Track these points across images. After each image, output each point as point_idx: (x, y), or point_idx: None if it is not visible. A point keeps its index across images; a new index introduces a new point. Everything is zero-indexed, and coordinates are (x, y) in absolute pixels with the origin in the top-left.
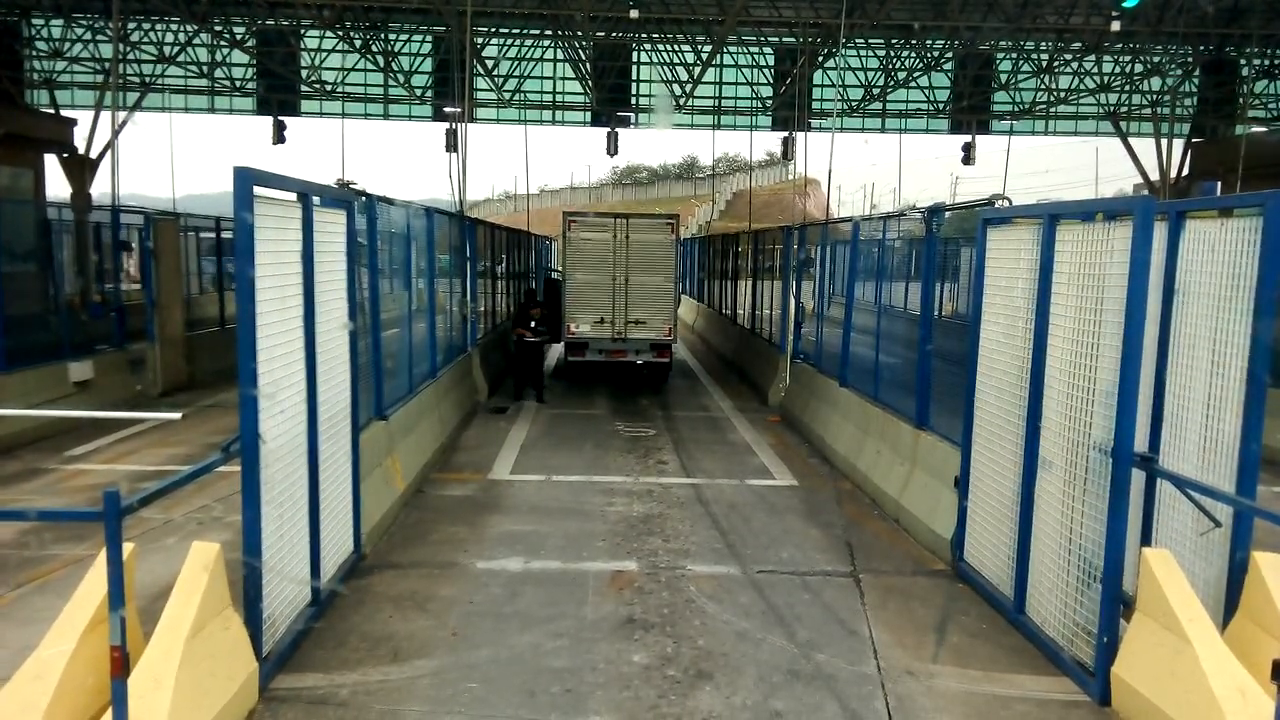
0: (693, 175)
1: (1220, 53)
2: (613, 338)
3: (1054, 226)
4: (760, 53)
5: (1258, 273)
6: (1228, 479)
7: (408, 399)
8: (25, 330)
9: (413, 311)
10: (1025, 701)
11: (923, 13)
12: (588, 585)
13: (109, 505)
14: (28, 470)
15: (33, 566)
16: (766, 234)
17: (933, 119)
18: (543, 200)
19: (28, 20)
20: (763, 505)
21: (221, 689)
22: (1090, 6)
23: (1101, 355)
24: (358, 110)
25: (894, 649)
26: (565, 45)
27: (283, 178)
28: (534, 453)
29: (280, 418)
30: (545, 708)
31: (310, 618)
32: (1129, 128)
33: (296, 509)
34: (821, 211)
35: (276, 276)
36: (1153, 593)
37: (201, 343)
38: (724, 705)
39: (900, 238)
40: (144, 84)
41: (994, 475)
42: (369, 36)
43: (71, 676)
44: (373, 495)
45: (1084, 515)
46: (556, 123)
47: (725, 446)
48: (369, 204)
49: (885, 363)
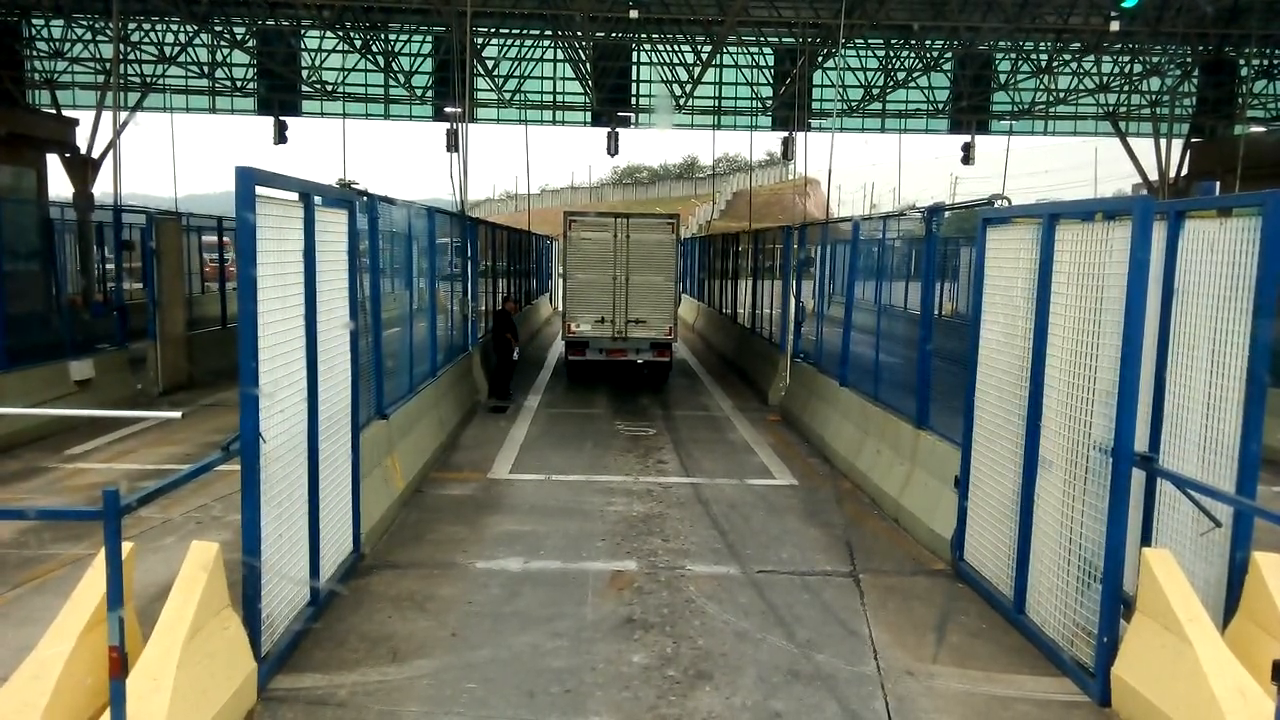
0: (693, 175)
1: (1219, 53)
2: (613, 337)
3: (1053, 226)
4: (760, 53)
5: (1257, 272)
6: (1228, 479)
7: (408, 398)
8: (26, 329)
9: (413, 311)
10: (1025, 702)
11: (922, 13)
12: (587, 585)
13: (108, 504)
14: (27, 469)
15: (31, 566)
16: (767, 234)
17: (932, 119)
18: (544, 200)
19: (28, 20)
20: (762, 505)
21: (220, 689)
22: (1090, 6)
23: (1101, 355)
24: (358, 110)
25: (894, 649)
26: (565, 45)
27: (285, 178)
28: (534, 452)
29: (280, 417)
30: (545, 708)
31: (309, 618)
32: (1128, 128)
33: (296, 508)
34: (821, 211)
35: (278, 276)
36: (1153, 593)
37: (203, 342)
38: (724, 706)
39: (900, 237)
40: (145, 84)
41: (994, 475)
42: (369, 37)
43: (70, 676)
44: (372, 495)
45: (1084, 515)
46: (557, 123)
47: (725, 446)
48: (370, 204)
49: (885, 362)
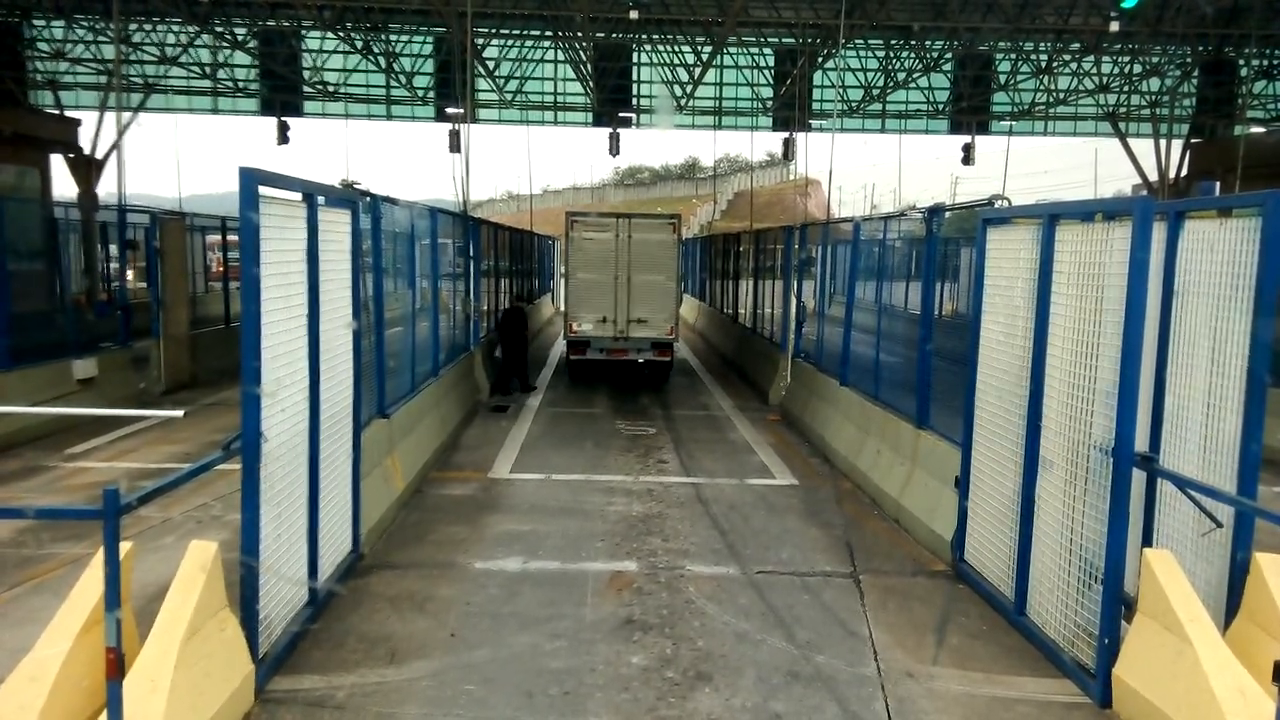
0: (694, 175)
1: (1219, 53)
2: (614, 336)
3: (1054, 226)
4: (760, 53)
5: (1257, 272)
6: (1229, 479)
7: (409, 398)
8: (29, 328)
9: (416, 310)
10: (1026, 703)
11: (922, 13)
12: (587, 586)
13: (108, 504)
14: (28, 468)
15: (30, 566)
16: (767, 234)
17: (932, 120)
18: (546, 200)
19: (29, 21)
20: (763, 505)
21: (218, 691)
22: (1089, 7)
23: (1102, 355)
24: (360, 111)
25: (894, 650)
26: (566, 46)
27: (288, 178)
28: (534, 452)
29: (282, 416)
30: (544, 709)
31: (307, 619)
32: (1128, 128)
33: (296, 508)
34: (822, 211)
35: (281, 275)
36: (1154, 594)
37: (206, 341)
38: (723, 707)
39: (900, 238)
40: (147, 85)
41: (994, 475)
42: (370, 37)
43: (67, 677)
44: (372, 495)
45: (1085, 516)
46: (558, 123)
47: (725, 445)
48: (373, 204)
49: (886, 362)
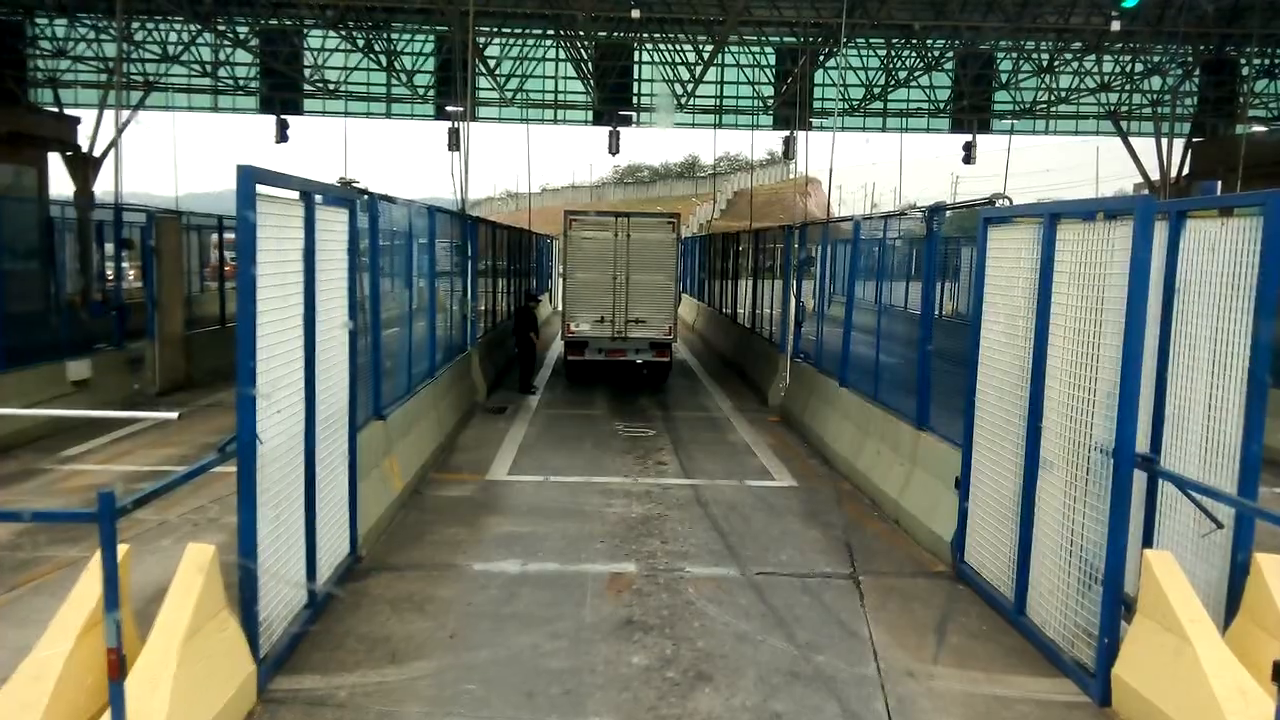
0: (694, 174)
1: (1220, 52)
2: (612, 336)
3: (1054, 226)
4: (761, 52)
5: (1258, 272)
6: (1229, 480)
7: (406, 399)
8: (24, 329)
9: (413, 310)
10: (1025, 703)
11: (923, 12)
12: (586, 587)
13: (103, 506)
14: (23, 470)
15: (28, 568)
16: (767, 233)
17: (933, 118)
18: (544, 199)
19: (31, 19)
20: (762, 506)
21: (219, 690)
22: (1090, 6)
23: (1102, 355)
24: (360, 109)
25: (894, 650)
26: (567, 45)
27: (286, 176)
28: (533, 453)
29: (278, 418)
30: (544, 709)
31: (307, 620)
32: (1129, 127)
33: (293, 510)
34: (822, 210)
35: (278, 275)
36: (1154, 594)
37: (201, 341)
38: (724, 707)
39: (901, 237)
40: (147, 83)
41: (995, 476)
42: (371, 36)
43: (70, 676)
44: (370, 496)
45: (1085, 516)
46: (558, 122)
47: (725, 447)
48: (371, 203)
49: (885, 362)
